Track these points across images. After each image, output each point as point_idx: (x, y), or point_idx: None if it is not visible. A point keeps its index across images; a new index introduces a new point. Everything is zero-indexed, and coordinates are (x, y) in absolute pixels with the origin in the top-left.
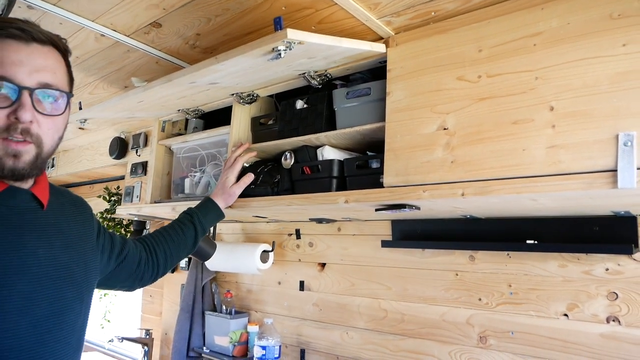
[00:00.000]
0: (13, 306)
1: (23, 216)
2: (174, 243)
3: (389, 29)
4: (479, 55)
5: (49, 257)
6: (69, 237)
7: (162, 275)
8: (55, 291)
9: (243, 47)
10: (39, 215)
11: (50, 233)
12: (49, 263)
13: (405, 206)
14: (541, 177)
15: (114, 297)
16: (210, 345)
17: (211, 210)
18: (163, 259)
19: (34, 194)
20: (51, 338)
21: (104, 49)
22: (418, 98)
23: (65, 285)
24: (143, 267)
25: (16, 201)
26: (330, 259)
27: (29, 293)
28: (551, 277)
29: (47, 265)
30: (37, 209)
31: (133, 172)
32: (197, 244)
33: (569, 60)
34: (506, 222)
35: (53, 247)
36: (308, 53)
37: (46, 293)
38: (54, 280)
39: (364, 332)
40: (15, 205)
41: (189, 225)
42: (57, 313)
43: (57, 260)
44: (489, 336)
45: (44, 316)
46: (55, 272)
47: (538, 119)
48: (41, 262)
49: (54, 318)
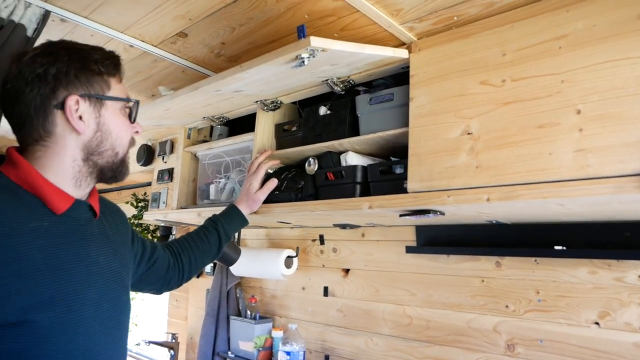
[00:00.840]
0: (87, 312)
1: (84, 227)
2: (198, 249)
3: (412, 35)
4: (503, 59)
5: (106, 264)
6: (115, 244)
7: (187, 281)
8: (113, 295)
9: (267, 55)
10: (94, 225)
11: (103, 241)
12: (106, 270)
13: (430, 212)
14: (568, 181)
15: (141, 302)
16: (235, 350)
17: (235, 217)
18: (188, 264)
19: (91, 205)
20: (112, 339)
21: (132, 59)
22: (441, 103)
23: (119, 289)
24: (171, 272)
25: (79, 213)
26: (354, 265)
27: (97, 299)
28: (581, 284)
29: (106, 272)
30: (91, 219)
31: (160, 178)
32: (221, 250)
33: (596, 62)
34: (533, 227)
35: (107, 254)
36: (331, 60)
37: (107, 297)
38: (111, 286)
39: (389, 339)
40: (79, 217)
41: (213, 232)
42: (116, 316)
43: (111, 267)
44: (516, 344)
45: (108, 319)
46: (111, 278)
47: (565, 123)
48: (102, 270)
49: (114, 320)
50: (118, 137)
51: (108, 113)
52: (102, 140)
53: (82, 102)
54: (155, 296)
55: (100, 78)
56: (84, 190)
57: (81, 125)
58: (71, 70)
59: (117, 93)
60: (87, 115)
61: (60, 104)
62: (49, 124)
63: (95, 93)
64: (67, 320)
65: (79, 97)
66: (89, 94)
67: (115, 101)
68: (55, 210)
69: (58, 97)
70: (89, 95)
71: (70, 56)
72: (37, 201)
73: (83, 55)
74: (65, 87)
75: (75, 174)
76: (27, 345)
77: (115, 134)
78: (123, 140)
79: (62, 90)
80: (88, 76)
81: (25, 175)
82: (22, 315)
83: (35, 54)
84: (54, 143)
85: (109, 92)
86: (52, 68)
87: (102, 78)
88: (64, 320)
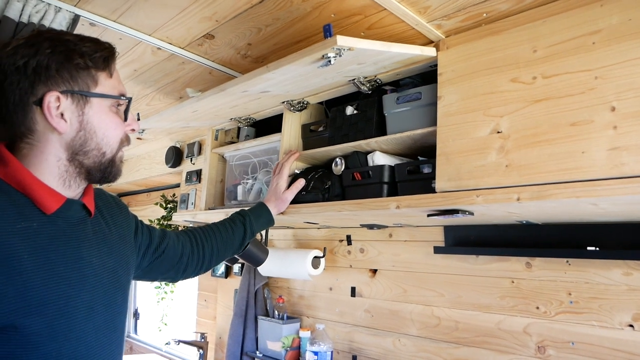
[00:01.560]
0: (80, 316)
1: (77, 227)
2: (222, 240)
3: (440, 32)
4: (534, 55)
5: (101, 265)
6: (112, 241)
7: (205, 270)
8: (108, 297)
9: (293, 55)
10: (88, 224)
11: (98, 240)
12: (101, 271)
13: (458, 211)
14: (602, 180)
15: (171, 302)
16: (263, 350)
17: (263, 215)
18: (209, 254)
19: (84, 204)
20: (107, 341)
21: (160, 62)
22: (470, 101)
23: (115, 290)
24: (187, 259)
25: (71, 213)
26: (382, 265)
27: (90, 302)
28: (615, 285)
29: (100, 273)
30: (85, 218)
31: (188, 180)
32: (244, 246)
33: (632, 57)
34: (565, 227)
35: (102, 254)
36: (358, 59)
37: (102, 300)
38: (106, 287)
39: (417, 340)
40: (71, 217)
41: (240, 226)
42: (111, 318)
43: (106, 267)
44: (547, 346)
45: (102, 321)
46: (106, 279)
47: (598, 120)
48: (96, 271)
49: (110, 322)
50: (104, 137)
51: (93, 111)
52: (87, 139)
53: (64, 99)
54: (185, 296)
55: (87, 73)
56: (74, 191)
57: (62, 124)
58: (52, 64)
59: (105, 89)
60: (69, 113)
61: (39, 100)
62: (29, 121)
63: (79, 89)
64: (57, 325)
65: (59, 93)
66: (71, 90)
67: (102, 98)
68: (46, 210)
69: (37, 93)
70: (72, 91)
71: (54, 48)
72: (27, 200)
73: (68, 48)
74: (45, 82)
75: (62, 173)
76: (15, 350)
77: (102, 133)
78: (111, 140)
79: (41, 86)
80: (71, 71)
81: (14, 173)
82: (10, 319)
83: (18, 45)
84: (37, 141)
85: (95, 89)
86: (33, 60)
87: (88, 73)
88: (55, 325)
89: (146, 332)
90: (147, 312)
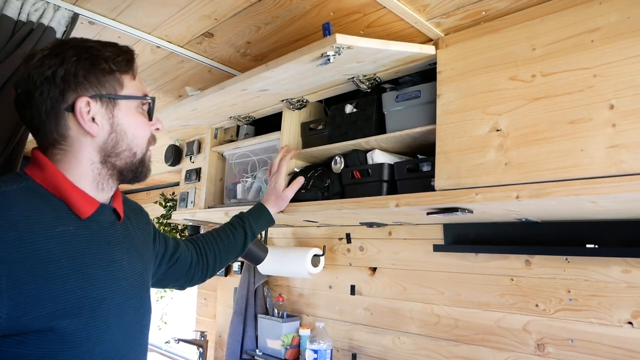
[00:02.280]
0: (111, 318)
1: (109, 231)
2: (224, 246)
3: (439, 31)
4: (533, 54)
5: (130, 268)
6: (138, 246)
7: (210, 277)
8: (137, 300)
9: (293, 54)
10: (117, 228)
11: (127, 244)
12: (131, 274)
13: (458, 209)
14: (601, 178)
15: (171, 300)
16: (263, 348)
17: (262, 216)
18: (213, 261)
19: (115, 208)
20: (136, 344)
21: (159, 60)
22: (469, 99)
23: (143, 292)
24: (194, 269)
25: (103, 217)
26: (382, 263)
27: (121, 304)
28: (614, 283)
29: (130, 277)
30: (115, 222)
31: (187, 178)
32: (246, 248)
33: (631, 55)
34: (564, 225)
35: (131, 258)
36: (357, 57)
37: (131, 302)
38: (135, 290)
39: (417, 338)
40: (103, 221)
41: (240, 230)
42: (139, 320)
43: (135, 270)
44: (547, 344)
45: (131, 324)
46: (135, 282)
47: (597, 118)
48: (127, 275)
49: (138, 324)
50: (135, 137)
51: (122, 113)
52: (118, 141)
53: (94, 104)
54: (184, 295)
55: (112, 77)
56: (107, 194)
57: (94, 128)
58: (80, 71)
59: (131, 91)
60: (100, 116)
61: (70, 107)
62: (61, 127)
63: (107, 93)
64: (91, 327)
65: (89, 98)
66: (100, 94)
67: (129, 100)
68: (81, 215)
69: (68, 100)
70: (101, 95)
71: (79, 56)
72: (63, 205)
73: (92, 54)
74: (75, 89)
75: (95, 177)
76: (51, 352)
77: (131, 134)
78: (140, 140)
79: (71, 93)
80: (98, 76)
81: (51, 178)
82: (47, 322)
83: (44, 56)
84: (70, 146)
85: (122, 91)
86: (60, 70)
87: (113, 77)
88: (89, 327)
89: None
90: None
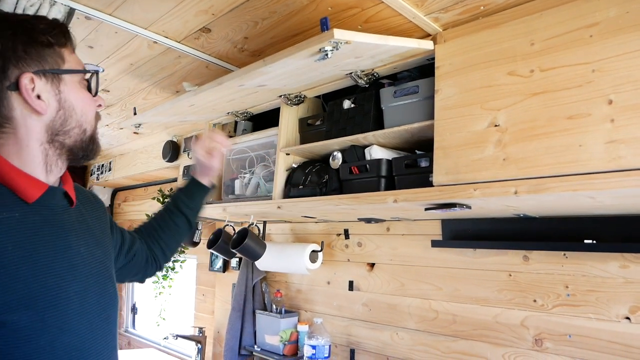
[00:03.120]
0: (73, 306)
1: (62, 216)
2: (167, 234)
3: (437, 26)
4: (531, 49)
5: (89, 255)
6: (96, 233)
7: (165, 264)
8: (99, 287)
9: (290, 49)
10: (71, 213)
11: (82, 230)
12: (90, 260)
13: (456, 205)
14: (600, 173)
15: (169, 296)
16: (261, 344)
17: (196, 191)
18: (161, 252)
19: (67, 192)
20: (101, 333)
21: (156, 56)
22: (468, 95)
23: (105, 280)
24: (149, 263)
25: (55, 201)
26: (380, 259)
27: (82, 292)
28: (611, 278)
29: (90, 263)
30: (67, 207)
31: (185, 174)
32: (193, 225)
33: (629, 50)
34: (562, 220)
35: (89, 244)
36: (355, 52)
37: (94, 290)
38: (97, 277)
39: (415, 333)
40: (55, 206)
41: (178, 213)
42: (103, 308)
43: (95, 257)
44: (544, 339)
45: (95, 312)
46: (96, 269)
47: (596, 113)
48: (85, 261)
49: (102, 313)
50: (83, 113)
51: (68, 88)
52: (67, 118)
53: (38, 80)
54: (183, 291)
55: (52, 50)
56: (56, 175)
57: (41, 105)
58: (18, 45)
59: (72, 65)
60: (46, 93)
61: (13, 85)
62: (5, 108)
63: (50, 68)
64: (49, 318)
65: (33, 74)
66: (43, 69)
67: (73, 74)
68: (27, 199)
69: (10, 77)
70: (44, 71)
71: (15, 29)
72: (7, 191)
73: (27, 27)
74: (16, 64)
75: (44, 158)
76: (5, 347)
77: (80, 110)
78: (89, 116)
79: (12, 69)
80: (38, 50)
81: None
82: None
83: None
84: (15, 128)
85: (64, 65)
86: None
87: (53, 50)
88: (46, 317)
89: (144, 326)
90: (145, 307)
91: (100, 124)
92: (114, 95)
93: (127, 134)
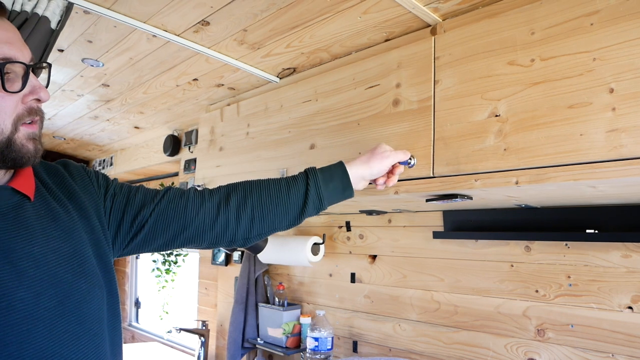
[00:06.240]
0: (18, 316)
1: (7, 217)
2: (270, 199)
3: (436, 16)
4: (532, 38)
5: (48, 253)
6: (70, 221)
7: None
8: (63, 288)
9: None
10: (27, 209)
11: (44, 224)
12: (48, 260)
13: (457, 196)
14: (601, 162)
15: (172, 290)
16: (264, 337)
17: (335, 176)
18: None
19: (14, 188)
20: (72, 336)
21: (155, 50)
22: (468, 85)
23: (76, 277)
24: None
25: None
26: (381, 251)
27: (33, 299)
28: (614, 267)
29: (47, 263)
30: (22, 203)
31: (186, 168)
32: (304, 215)
33: (631, 38)
34: (564, 210)
35: (50, 240)
36: None
37: (52, 292)
38: (59, 277)
39: (417, 324)
40: None
41: (302, 183)
42: (71, 310)
43: (59, 253)
44: (547, 329)
45: (57, 316)
46: (59, 267)
47: (597, 102)
48: (39, 262)
49: (69, 316)
50: None
51: None
52: None
53: None
54: (185, 285)
55: None
56: None
57: None
58: None
59: None
60: None
61: None
62: None
63: None
64: None
65: None
66: None
67: None
68: None
69: None
70: None
71: None
72: None
73: None
74: None
75: None
76: None
77: None
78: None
79: None
80: None
81: None
82: None
83: None
84: None
85: None
86: None
87: None
88: None
89: (148, 320)
90: (148, 301)
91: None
92: (113, 89)
93: (127, 128)
